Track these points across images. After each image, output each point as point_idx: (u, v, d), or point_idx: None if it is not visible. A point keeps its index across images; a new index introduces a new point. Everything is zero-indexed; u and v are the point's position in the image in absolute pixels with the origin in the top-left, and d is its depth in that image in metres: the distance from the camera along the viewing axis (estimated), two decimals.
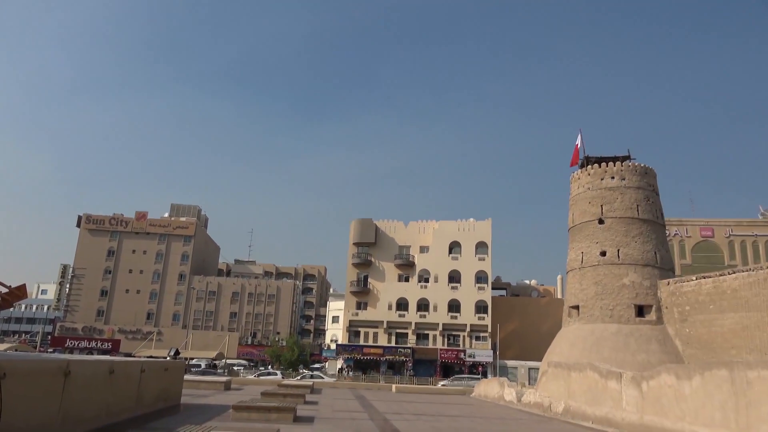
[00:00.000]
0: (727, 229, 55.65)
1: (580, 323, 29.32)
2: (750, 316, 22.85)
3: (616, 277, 28.38)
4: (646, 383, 17.32)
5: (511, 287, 74.74)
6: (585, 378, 21.38)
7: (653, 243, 29.09)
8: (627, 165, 30.57)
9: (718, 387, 14.23)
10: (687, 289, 26.40)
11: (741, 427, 13.37)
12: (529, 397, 27.60)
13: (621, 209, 29.30)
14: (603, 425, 19.52)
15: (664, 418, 16.31)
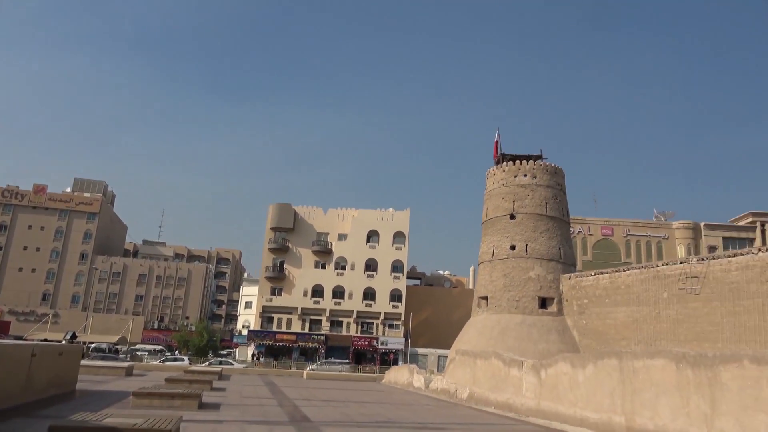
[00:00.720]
0: (625, 228, 59.80)
1: (488, 313, 30.56)
2: (640, 310, 24.76)
3: (523, 270, 29.79)
4: (545, 371, 18.34)
5: (425, 277, 76.51)
6: (490, 366, 22.32)
7: (558, 239, 30.77)
8: (539, 164, 32.08)
9: (608, 375, 15.31)
10: (586, 284, 28.18)
11: (627, 411, 14.47)
12: (436, 383, 28.46)
13: (531, 206, 30.74)
14: (504, 410, 20.50)
15: (559, 403, 17.36)
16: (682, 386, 12.86)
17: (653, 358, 13.78)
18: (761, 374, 11.06)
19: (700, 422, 12.29)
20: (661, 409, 13.37)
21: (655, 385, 13.59)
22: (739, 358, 11.63)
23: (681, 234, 59.40)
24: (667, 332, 23.25)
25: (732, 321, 20.60)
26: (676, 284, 23.15)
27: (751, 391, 11.26)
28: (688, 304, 22.46)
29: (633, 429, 14.11)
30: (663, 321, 23.52)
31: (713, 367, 12.13)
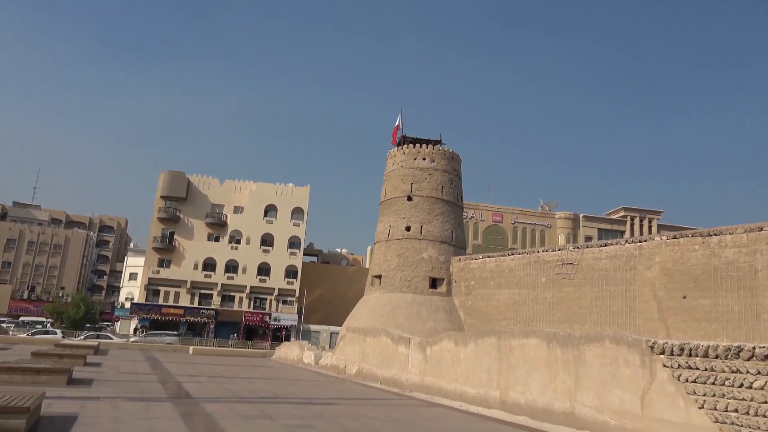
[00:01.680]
0: (514, 216, 63.24)
1: (381, 292, 31.15)
2: (520, 293, 26.39)
3: (417, 251, 30.62)
4: (430, 348, 19.06)
5: (322, 254, 76.46)
6: (379, 343, 22.82)
7: (452, 222, 31.91)
8: (437, 149, 32.92)
9: (487, 353, 16.19)
10: (474, 266, 29.53)
11: (501, 387, 15.41)
12: (326, 360, 28.67)
13: (428, 189, 31.55)
14: (390, 385, 21.09)
15: (442, 379, 18.14)
16: (551, 363, 13.88)
17: (528, 337, 14.74)
18: (619, 353, 12.18)
19: (564, 396, 13.36)
20: (531, 384, 14.36)
21: (528, 362, 14.57)
22: (601, 338, 12.72)
23: (562, 224, 63.87)
24: (543, 314, 25.00)
25: (599, 305, 22.53)
26: (553, 269, 24.89)
27: (609, 369, 12.37)
28: (563, 288, 24.24)
29: (506, 403, 15.07)
30: (540, 303, 25.24)
31: (579, 346, 13.19)
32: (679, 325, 19.43)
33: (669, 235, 21.10)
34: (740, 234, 18.27)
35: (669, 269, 20.26)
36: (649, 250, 21.22)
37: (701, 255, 19.27)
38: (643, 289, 21.06)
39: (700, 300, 18.99)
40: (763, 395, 9.55)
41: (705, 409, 10.31)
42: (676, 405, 10.81)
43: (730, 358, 10.17)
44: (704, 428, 10.27)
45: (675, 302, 19.80)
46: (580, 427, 12.63)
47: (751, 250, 17.80)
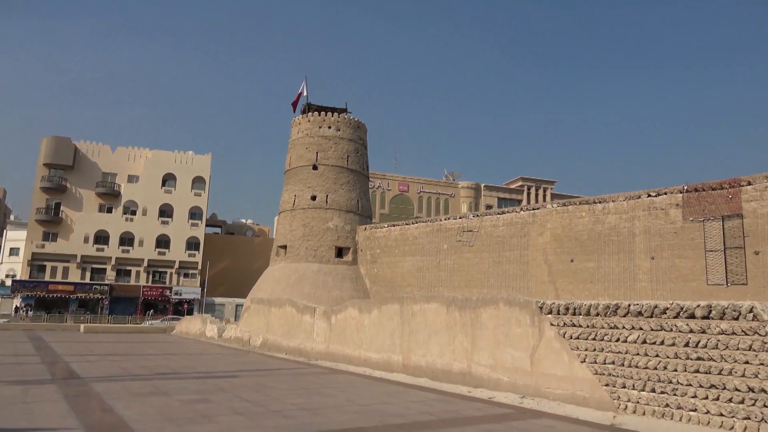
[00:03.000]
0: (419, 186, 64.52)
1: (287, 262, 30.78)
2: (424, 260, 27.10)
3: (323, 221, 30.45)
4: (335, 317, 19.16)
5: (226, 225, 74.14)
6: (284, 313, 22.61)
7: (357, 192, 31.95)
8: (343, 117, 32.60)
9: (390, 319, 16.53)
10: (379, 235, 29.88)
11: (404, 351, 15.82)
12: (230, 332, 28.06)
13: (334, 158, 31.28)
14: (295, 355, 21.04)
15: (346, 346, 18.34)
16: (450, 326, 14.41)
17: (429, 302, 15.17)
18: (512, 314, 12.84)
19: (462, 357, 13.95)
20: (432, 347, 14.87)
21: (429, 326, 15.03)
22: (496, 301, 13.34)
23: (465, 193, 66.11)
24: (444, 279, 25.87)
25: (497, 269, 23.64)
26: (455, 237, 25.74)
27: (503, 329, 13.04)
28: (463, 254, 25.17)
29: (408, 366, 15.51)
30: (442, 269, 26.08)
31: (476, 309, 13.77)
32: (567, 287, 20.86)
33: (559, 203, 22.42)
34: (621, 201, 19.77)
35: (559, 235, 21.58)
36: (541, 217, 22.46)
37: (587, 221, 20.68)
38: (536, 254, 22.32)
39: (585, 263, 20.45)
40: (636, 348, 10.47)
41: (587, 362, 11.15)
42: (562, 360, 11.62)
43: (608, 315, 11.02)
44: (585, 380, 11.12)
45: (564, 265, 21.19)
46: (476, 386, 13.28)
47: (630, 216, 19.33)
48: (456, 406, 10.90)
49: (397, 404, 10.88)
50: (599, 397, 10.81)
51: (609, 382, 10.73)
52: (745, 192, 16.54)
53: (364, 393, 12.26)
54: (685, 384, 9.67)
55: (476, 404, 11.25)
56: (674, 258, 17.98)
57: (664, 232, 18.37)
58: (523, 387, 12.23)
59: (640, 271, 18.81)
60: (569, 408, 10.92)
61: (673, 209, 18.20)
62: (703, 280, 17.10)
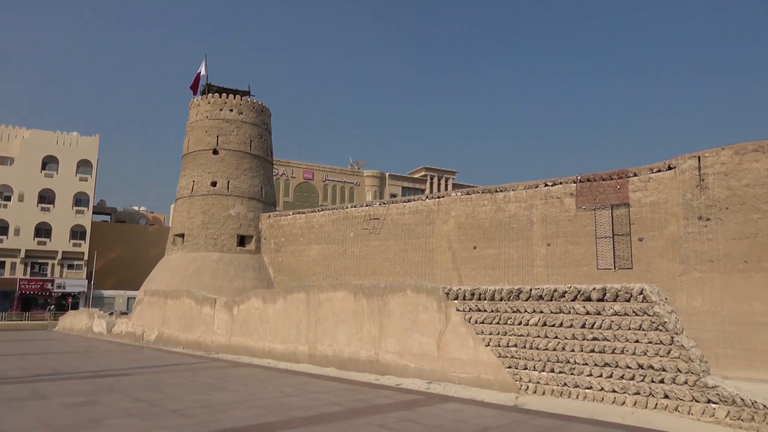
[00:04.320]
0: (324, 174, 63.93)
1: (184, 251, 29.21)
2: (330, 248, 26.78)
3: (224, 208, 29.16)
4: (237, 307, 18.38)
5: (117, 212, 69.32)
6: (181, 305, 21.40)
7: (261, 178, 30.91)
8: (246, 100, 31.31)
9: (296, 308, 16.08)
10: (284, 223, 29.14)
11: (310, 340, 15.46)
12: (121, 327, 26.22)
13: (236, 142, 29.99)
14: (194, 349, 19.99)
15: (250, 338, 17.66)
16: (358, 314, 14.24)
17: (336, 290, 14.90)
18: (419, 301, 12.89)
19: (369, 345, 13.84)
20: (339, 335, 14.64)
21: (336, 314, 14.78)
22: (403, 288, 13.33)
23: (370, 182, 66.44)
24: (351, 267, 25.72)
25: (402, 257, 23.85)
26: (361, 224, 25.63)
27: (410, 316, 13.06)
28: (370, 242, 25.15)
29: (314, 356, 15.19)
30: (349, 257, 25.91)
31: (384, 296, 13.69)
32: (470, 273, 21.46)
33: (463, 191, 22.96)
34: (521, 191, 20.59)
35: (462, 222, 22.12)
36: (446, 205, 22.90)
37: (489, 209, 21.35)
38: (440, 241, 22.75)
39: (487, 249, 21.12)
40: (537, 330, 10.85)
41: (491, 346, 11.42)
42: (467, 344, 11.83)
43: (512, 299, 11.33)
44: (490, 363, 11.39)
45: (467, 252, 21.76)
46: (383, 373, 13.23)
47: (529, 204, 20.19)
48: (364, 395, 10.75)
49: (303, 396, 10.54)
50: (503, 380, 11.12)
51: (512, 364, 11.06)
52: (631, 183, 17.77)
53: (269, 386, 11.79)
54: (581, 363, 10.16)
55: (384, 392, 11.17)
56: (568, 244, 19.01)
57: (559, 219, 19.35)
58: (430, 372, 12.34)
59: (537, 256, 19.73)
60: (474, 391, 11.14)
61: (568, 198, 19.21)
62: (594, 264, 18.23)
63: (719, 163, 16.22)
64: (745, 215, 15.60)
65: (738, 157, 15.95)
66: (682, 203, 16.70)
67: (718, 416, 8.51)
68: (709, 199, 16.19)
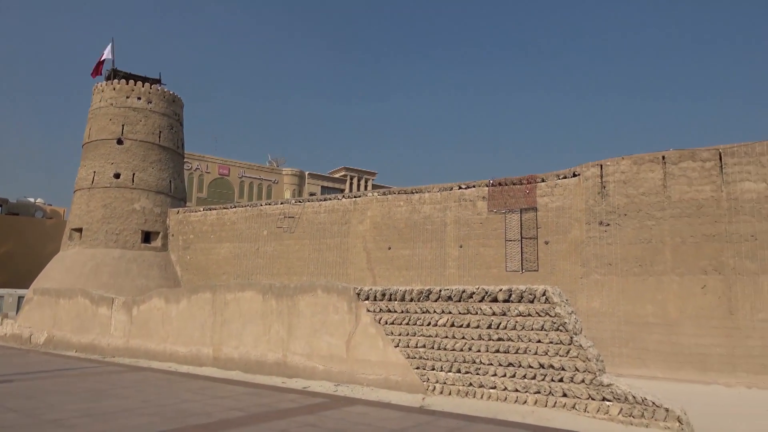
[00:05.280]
0: (241, 170, 62.09)
1: (82, 247, 27.20)
2: (242, 246, 25.89)
3: (128, 202, 27.42)
4: (137, 308, 17.26)
5: (9, 204, 63.76)
6: (75, 305, 19.84)
7: (170, 171, 29.37)
8: (156, 88, 29.65)
9: (201, 308, 15.30)
10: (194, 219, 27.86)
11: (215, 342, 14.75)
12: (5, 329, 23.99)
13: (143, 132, 28.30)
14: (87, 352, 18.58)
15: (150, 340, 16.63)
16: (266, 315, 13.74)
17: (244, 290, 14.32)
18: (329, 301, 12.61)
19: (278, 347, 13.38)
20: (246, 337, 14.06)
21: (243, 315, 14.19)
22: (314, 288, 13.00)
23: (289, 180, 65.29)
24: (264, 267, 24.99)
25: (317, 257, 23.46)
26: (275, 223, 24.97)
27: (320, 316, 12.75)
28: (284, 241, 24.55)
29: (219, 359, 14.51)
30: (261, 256, 25.16)
31: (294, 296, 13.29)
32: (384, 273, 21.45)
33: (380, 192, 22.94)
34: (436, 192, 20.83)
35: (378, 223, 22.08)
36: (362, 205, 22.77)
37: (405, 210, 21.44)
38: (356, 241, 22.59)
39: (402, 250, 21.20)
40: (445, 331, 10.88)
41: (400, 347, 11.34)
42: (377, 345, 11.68)
43: (422, 300, 11.31)
44: (398, 364, 11.31)
45: (381, 253, 21.74)
46: (291, 376, 12.83)
47: (443, 207, 20.47)
48: (268, 399, 10.32)
49: (202, 401, 9.95)
50: (411, 381, 11.07)
51: (420, 365, 11.03)
52: (539, 188, 18.44)
53: (166, 391, 11.06)
54: (487, 363, 10.28)
55: (290, 395, 10.79)
56: (479, 246, 19.43)
57: (471, 222, 19.75)
58: (338, 374, 12.09)
59: (450, 258, 20.02)
60: (382, 393, 11.00)
61: (480, 201, 19.65)
62: (503, 266, 18.75)
63: (619, 171, 17.15)
64: (641, 222, 16.58)
65: (636, 166, 16.93)
66: (585, 209, 17.50)
67: (611, 413, 8.85)
68: (610, 205, 17.07)
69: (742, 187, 15.42)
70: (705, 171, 15.96)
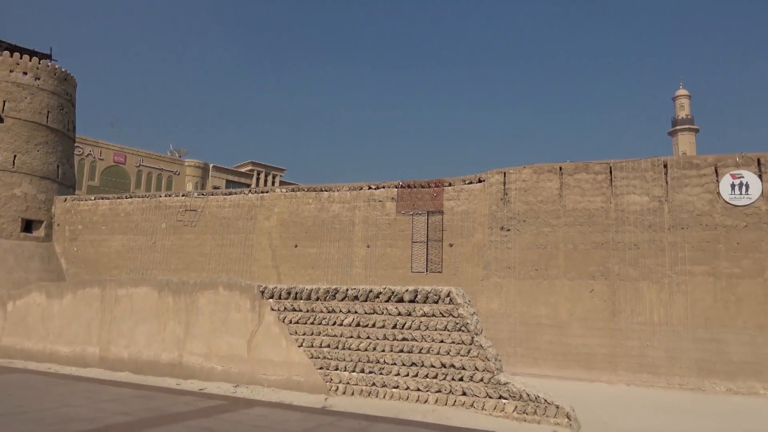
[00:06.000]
0: (139, 158, 58.56)
1: None
2: (137, 239, 24.34)
3: (7, 186, 24.85)
4: (13, 303, 15.68)
5: None
6: None
7: (58, 156, 27.01)
8: (46, 64, 27.13)
9: (88, 305, 14.17)
10: (83, 208, 25.83)
11: (103, 341, 13.72)
12: None
13: (28, 111, 25.79)
14: None
15: (27, 339, 15.17)
16: (161, 313, 12.98)
17: (137, 286, 13.45)
18: (231, 299, 12.13)
19: (173, 347, 12.68)
20: (138, 336, 13.20)
21: (136, 312, 13.32)
22: (215, 285, 12.46)
23: (192, 171, 62.47)
24: (160, 261, 23.65)
25: (219, 252, 22.56)
26: (175, 216, 23.72)
27: (221, 315, 12.23)
28: (184, 235, 23.38)
29: (107, 359, 13.52)
30: (158, 251, 23.80)
31: (193, 293, 12.66)
32: (290, 272, 21.03)
33: (288, 188, 22.47)
34: (345, 191, 20.74)
35: (285, 220, 21.62)
36: (269, 201, 22.19)
37: (313, 208, 21.16)
38: (261, 237, 21.98)
39: (309, 248, 20.90)
40: (351, 331, 10.81)
41: (304, 347, 11.12)
42: (280, 345, 11.39)
43: (328, 299, 11.17)
44: (301, 364, 11.08)
45: (288, 250, 21.31)
46: (186, 377, 12.20)
47: (352, 206, 20.42)
48: (161, 402, 9.72)
49: (86, 406, 9.19)
50: (313, 381, 10.89)
51: (324, 365, 10.88)
52: (446, 192, 18.91)
53: (45, 395, 10.11)
54: (390, 363, 10.33)
55: (184, 398, 10.23)
56: (386, 247, 19.59)
57: (380, 222, 19.87)
58: (238, 375, 11.66)
59: (356, 257, 20.01)
60: (284, 394, 10.74)
61: (389, 202, 19.82)
62: (409, 267, 19.01)
63: (521, 180, 17.97)
64: (538, 228, 17.47)
65: (536, 175, 17.82)
66: (488, 214, 18.17)
67: (507, 411, 9.19)
68: (511, 211, 17.85)
69: (628, 199, 16.69)
70: (597, 183, 17.11)
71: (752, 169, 15.56)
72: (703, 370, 15.06)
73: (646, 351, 15.67)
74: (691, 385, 15.01)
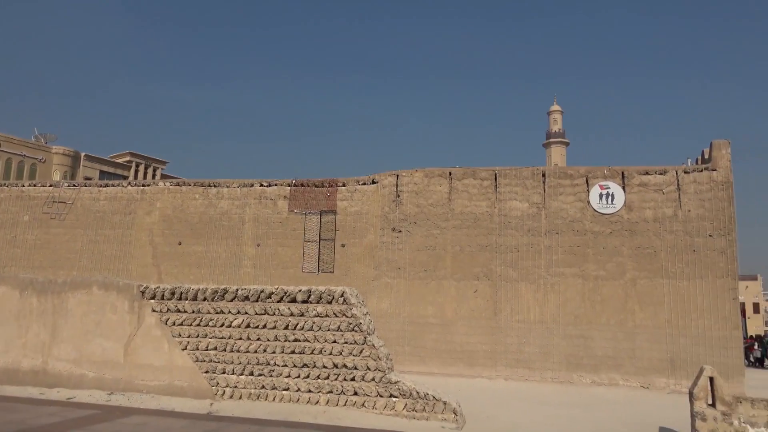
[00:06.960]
0: None
1: None
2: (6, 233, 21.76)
3: None
4: None
5: None
6: None
7: None
8: None
9: None
10: None
11: None
12: None
13: None
14: None
15: None
16: (23, 315, 11.71)
17: None
18: (107, 300, 11.23)
19: (36, 352, 11.49)
20: None
21: None
22: (88, 284, 11.47)
23: (60, 160, 57.06)
24: (21, 258, 21.31)
25: (92, 249, 20.78)
26: (41, 208, 21.49)
27: (94, 317, 11.28)
28: (51, 229, 21.25)
29: None
30: (20, 246, 21.42)
31: (61, 293, 11.56)
32: (172, 271, 19.86)
33: (173, 182, 21.22)
34: (235, 188, 19.99)
35: (169, 216, 20.40)
36: (151, 195, 20.82)
37: (200, 204, 20.15)
38: (141, 234, 20.57)
39: (194, 246, 19.86)
40: (240, 333, 10.43)
41: (188, 350, 10.55)
42: (161, 349, 10.72)
43: (216, 300, 10.69)
44: (185, 369, 10.51)
45: (170, 248, 20.11)
46: (52, 385, 11.10)
47: (243, 203, 19.72)
48: (21, 415, 8.75)
49: None
50: (198, 386, 10.37)
51: (210, 368, 10.40)
52: (340, 192, 18.88)
53: None
54: (281, 365, 10.10)
55: (50, 408, 9.30)
56: (277, 246, 19.16)
57: (271, 221, 19.38)
58: (113, 382, 10.81)
59: (246, 256, 19.36)
60: (165, 400, 10.12)
61: (281, 200, 19.40)
62: (300, 267, 18.73)
63: (413, 183, 18.41)
64: (428, 230, 18.01)
65: (427, 179, 18.35)
66: (381, 215, 18.42)
67: (397, 409, 9.35)
68: (402, 213, 18.22)
69: (510, 205, 17.71)
70: (483, 188, 17.97)
71: (617, 181, 17.17)
72: (572, 365, 16.36)
73: (523, 347, 16.72)
74: (561, 379, 16.23)
